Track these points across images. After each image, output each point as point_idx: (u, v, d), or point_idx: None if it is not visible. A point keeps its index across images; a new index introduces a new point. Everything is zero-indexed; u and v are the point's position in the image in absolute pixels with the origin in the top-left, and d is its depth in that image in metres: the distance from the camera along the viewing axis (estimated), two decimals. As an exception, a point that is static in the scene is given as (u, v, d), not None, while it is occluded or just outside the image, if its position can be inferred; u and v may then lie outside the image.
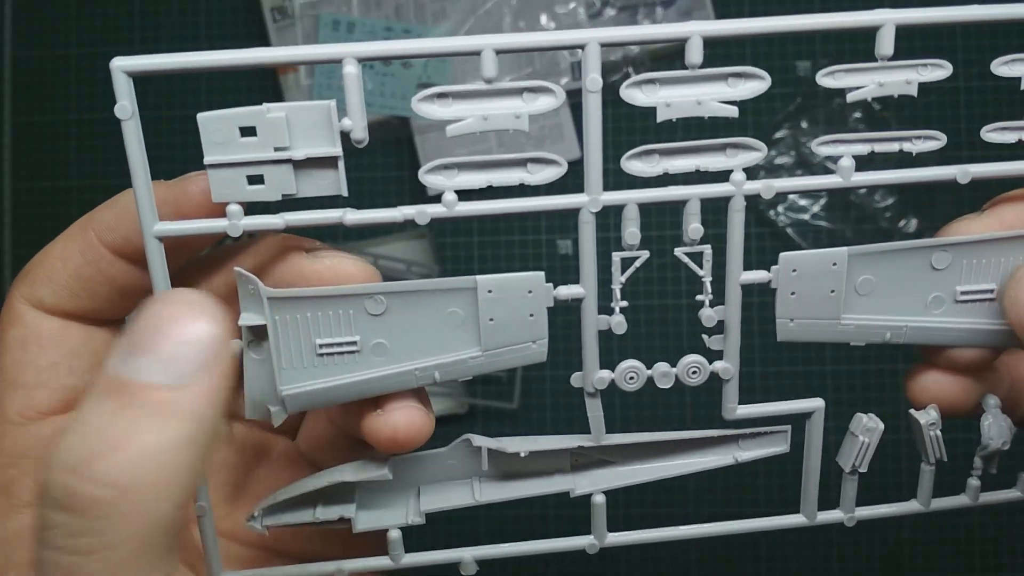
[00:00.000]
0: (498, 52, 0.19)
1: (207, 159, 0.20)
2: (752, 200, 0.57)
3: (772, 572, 0.60)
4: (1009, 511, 0.58)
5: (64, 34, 0.63)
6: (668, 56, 0.59)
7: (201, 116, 0.19)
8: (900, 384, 0.24)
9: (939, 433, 0.23)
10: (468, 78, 0.58)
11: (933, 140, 0.21)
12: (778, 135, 0.58)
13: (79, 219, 0.22)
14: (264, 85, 0.62)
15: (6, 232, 0.64)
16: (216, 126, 0.19)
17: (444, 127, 0.20)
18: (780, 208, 0.58)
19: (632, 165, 0.20)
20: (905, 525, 0.60)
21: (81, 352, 0.22)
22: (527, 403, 0.57)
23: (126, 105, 0.19)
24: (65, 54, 0.63)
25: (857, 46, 0.58)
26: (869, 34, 0.20)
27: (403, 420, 0.21)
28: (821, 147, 0.21)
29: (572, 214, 0.21)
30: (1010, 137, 0.21)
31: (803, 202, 0.58)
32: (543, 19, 0.59)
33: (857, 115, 0.58)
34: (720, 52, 0.58)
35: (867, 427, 0.23)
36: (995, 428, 0.23)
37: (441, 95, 0.20)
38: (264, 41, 0.60)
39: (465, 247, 0.57)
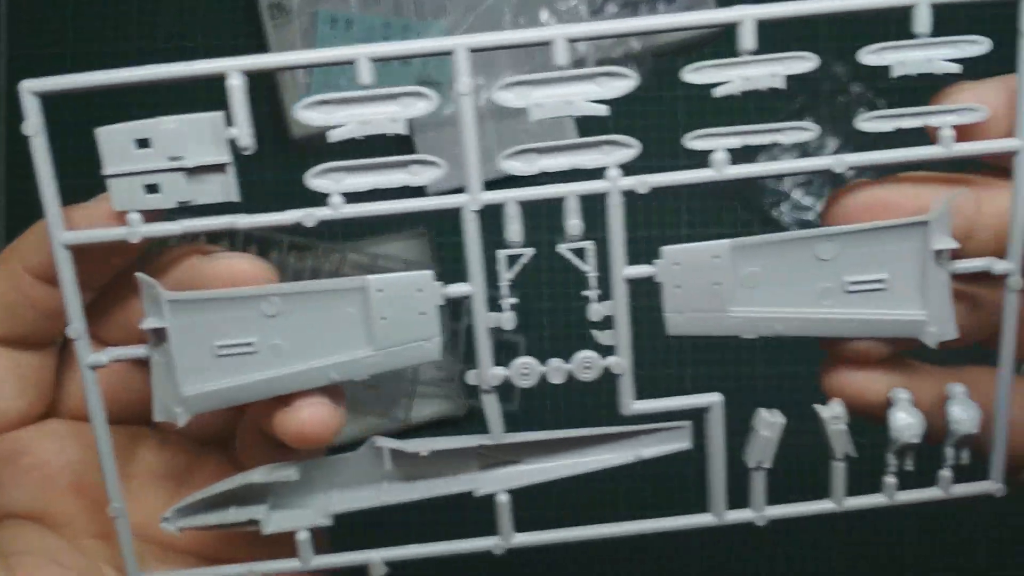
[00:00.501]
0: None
1: (106, 170, 0.21)
2: (755, 200, 0.57)
3: (773, 572, 0.59)
4: (1010, 511, 0.57)
5: (61, 33, 0.64)
6: (670, 53, 0.59)
7: (99, 130, 0.21)
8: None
9: (844, 427, 0.24)
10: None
11: (805, 131, 0.22)
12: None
13: (3, 250, 0.23)
14: (262, 83, 0.61)
15: (2, 232, 0.64)
16: (114, 139, 0.21)
17: (443, 125, 0.21)
18: (784, 207, 0.58)
19: (510, 164, 0.21)
20: (906, 525, 0.60)
21: (7, 377, 0.23)
22: (528, 405, 0.57)
23: (35, 123, 0.21)
24: (62, 53, 0.64)
25: (860, 43, 0.58)
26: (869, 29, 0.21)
27: (309, 415, 0.22)
28: (693, 141, 0.21)
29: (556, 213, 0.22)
30: (887, 126, 0.22)
31: (807, 201, 0.58)
32: (543, 15, 0.59)
33: (861, 112, 0.58)
34: (724, 49, 0.58)
35: (768, 422, 0.23)
36: (903, 422, 0.23)
37: (324, 102, 0.21)
38: (261, 39, 0.60)
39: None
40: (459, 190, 0.21)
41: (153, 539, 0.25)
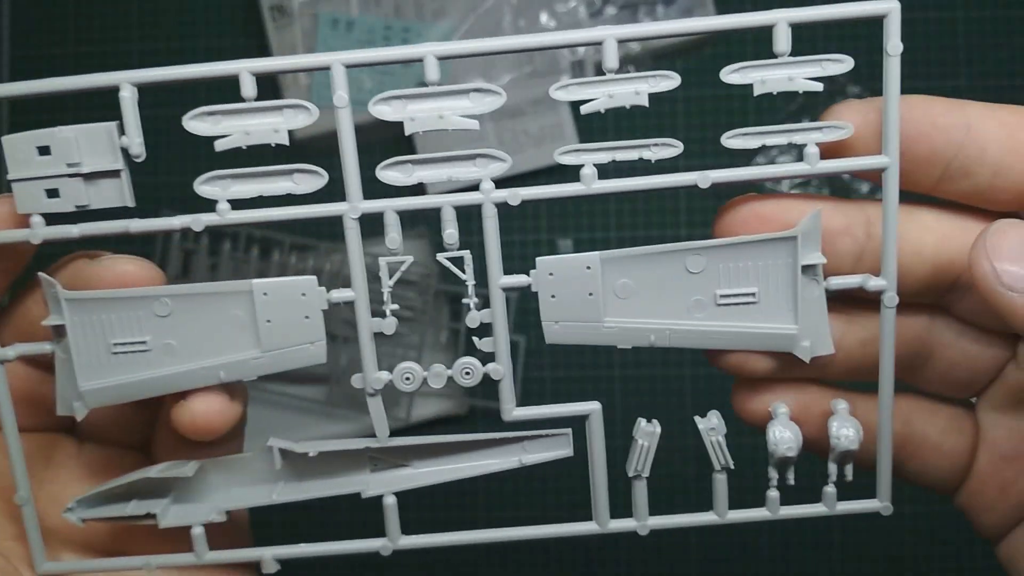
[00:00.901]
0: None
1: (10, 175, 0.22)
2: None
3: (773, 572, 0.60)
4: None
5: (62, 34, 0.64)
6: (669, 55, 0.60)
7: (4, 138, 0.22)
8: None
9: (721, 439, 0.24)
10: (468, 76, 0.58)
11: (671, 148, 0.22)
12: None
13: None
14: (264, 85, 0.63)
15: None
16: (17, 146, 0.22)
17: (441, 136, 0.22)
18: None
19: (387, 175, 0.22)
20: (906, 525, 0.60)
21: None
22: (527, 404, 0.57)
23: None
24: (63, 53, 0.64)
25: (858, 43, 0.59)
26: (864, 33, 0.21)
27: (201, 407, 0.23)
28: (562, 156, 0.22)
29: (570, 212, 0.23)
30: (754, 143, 0.22)
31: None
32: (543, 17, 0.60)
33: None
34: (722, 51, 0.60)
35: (646, 431, 0.24)
36: (779, 436, 0.24)
37: (211, 113, 0.22)
38: (263, 40, 0.61)
39: (464, 247, 0.57)
40: (474, 188, 0.22)
41: (71, 539, 0.26)
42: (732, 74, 0.22)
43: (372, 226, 0.23)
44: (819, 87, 0.22)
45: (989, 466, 0.25)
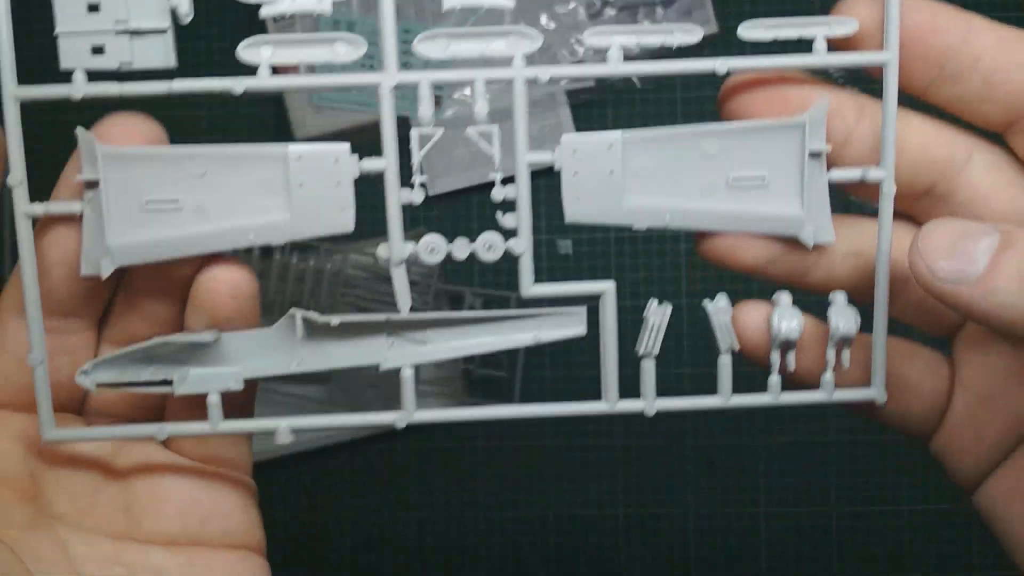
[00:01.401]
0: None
1: (59, 29, 0.23)
2: None
3: (773, 572, 0.60)
4: None
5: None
6: (668, 56, 0.61)
7: (53, -8, 0.23)
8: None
9: (728, 321, 0.25)
10: None
11: (693, 35, 0.24)
12: None
13: None
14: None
15: (5, 233, 0.64)
16: (68, 1, 0.23)
17: (443, 125, 0.24)
18: None
19: (423, 47, 0.24)
20: (905, 524, 0.60)
21: None
22: (527, 402, 0.57)
23: None
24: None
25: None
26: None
27: (223, 273, 0.24)
28: (591, 38, 0.24)
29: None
30: (767, 35, 0.24)
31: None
32: (543, 19, 0.60)
33: None
34: (722, 52, 0.61)
35: (655, 311, 0.25)
36: (783, 320, 0.25)
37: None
38: None
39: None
40: (462, 191, 0.23)
41: None
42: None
43: (374, 227, 0.24)
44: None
45: (964, 407, 0.26)
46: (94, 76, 0.23)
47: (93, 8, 0.23)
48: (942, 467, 0.27)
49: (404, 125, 0.22)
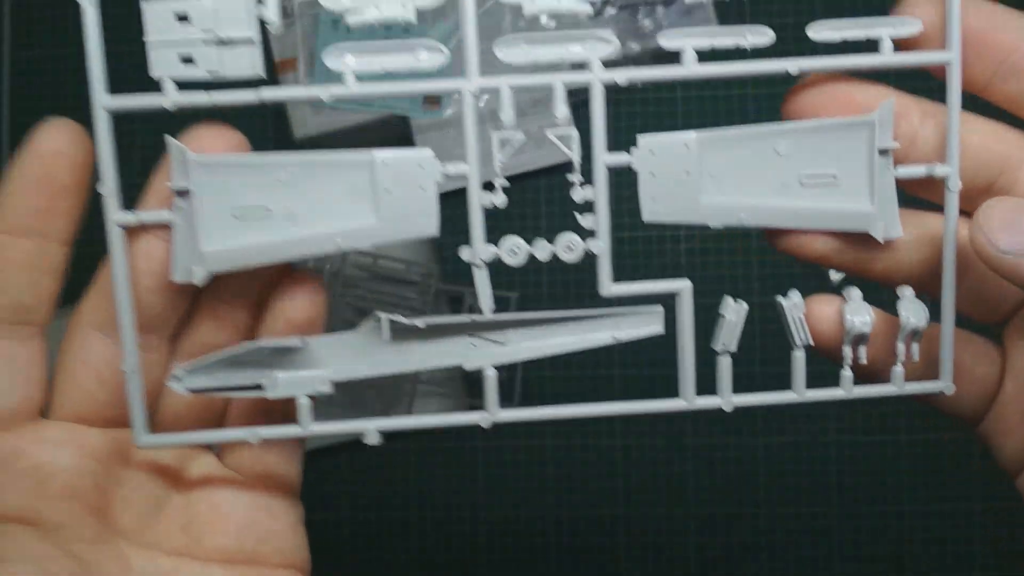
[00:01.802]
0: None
1: (148, 38, 0.24)
2: None
3: (773, 572, 0.60)
4: (1010, 511, 0.58)
5: (64, 34, 0.65)
6: (668, 56, 0.62)
7: (145, 3, 0.24)
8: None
9: (802, 316, 0.26)
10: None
11: (764, 36, 0.25)
12: None
13: None
14: (265, 84, 0.64)
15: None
16: (157, 11, 0.24)
17: (444, 127, 0.24)
18: None
19: (504, 53, 0.24)
20: (905, 524, 0.60)
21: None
22: (528, 403, 0.57)
23: None
24: (65, 54, 0.65)
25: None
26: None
27: (302, 280, 0.25)
28: (666, 40, 0.24)
29: (569, 220, 0.24)
30: (836, 36, 0.25)
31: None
32: (543, 18, 0.62)
33: None
34: (721, 53, 0.62)
35: (732, 308, 0.26)
36: (856, 315, 0.25)
37: (344, -7, 0.24)
38: (264, 40, 0.62)
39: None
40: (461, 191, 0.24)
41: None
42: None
43: None
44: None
45: (1013, 392, 0.27)
46: (182, 85, 0.24)
47: (182, 18, 0.24)
48: (988, 450, 0.28)
49: (404, 124, 0.23)
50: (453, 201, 0.29)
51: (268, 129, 0.63)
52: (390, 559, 0.63)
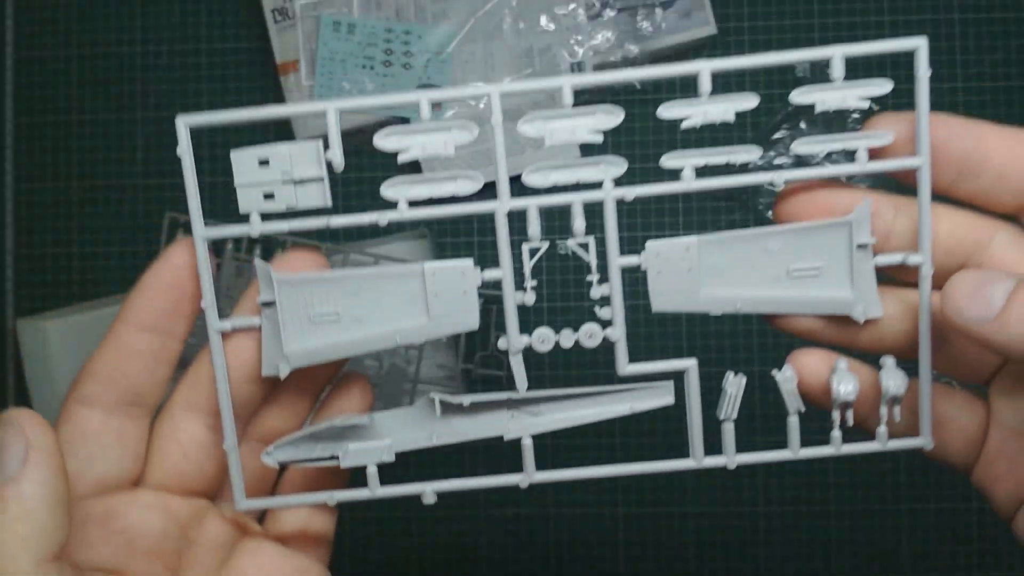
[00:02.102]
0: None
1: (237, 181, 0.29)
2: (752, 200, 0.63)
3: (772, 572, 0.63)
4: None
5: (65, 34, 0.67)
6: (669, 57, 0.62)
7: (233, 152, 0.29)
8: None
9: (794, 387, 0.30)
10: (468, 78, 0.61)
11: (752, 153, 0.29)
12: (777, 136, 0.62)
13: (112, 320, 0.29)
14: (266, 85, 0.66)
15: (8, 232, 0.68)
16: (243, 159, 0.29)
17: (444, 125, 0.28)
18: None
19: (529, 178, 0.29)
20: (904, 524, 0.63)
21: (112, 443, 0.29)
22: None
23: (184, 146, 0.29)
24: (66, 55, 0.67)
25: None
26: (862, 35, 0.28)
27: (358, 376, 0.30)
28: (667, 160, 0.29)
29: (565, 216, 0.29)
30: (817, 149, 0.29)
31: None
32: (543, 20, 0.60)
33: (856, 115, 0.62)
34: (720, 54, 0.64)
35: (732, 382, 0.30)
36: (841, 384, 0.29)
37: (396, 133, 0.29)
38: (265, 42, 0.63)
39: (465, 247, 0.63)
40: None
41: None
42: (798, 95, 0.28)
43: (375, 228, 0.28)
44: (867, 105, 0.28)
45: (999, 441, 0.30)
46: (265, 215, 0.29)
47: (263, 163, 0.29)
48: (984, 498, 0.31)
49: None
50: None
51: (271, 131, 0.66)
52: (390, 559, 0.66)
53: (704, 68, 0.28)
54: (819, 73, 0.65)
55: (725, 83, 0.64)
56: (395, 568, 0.67)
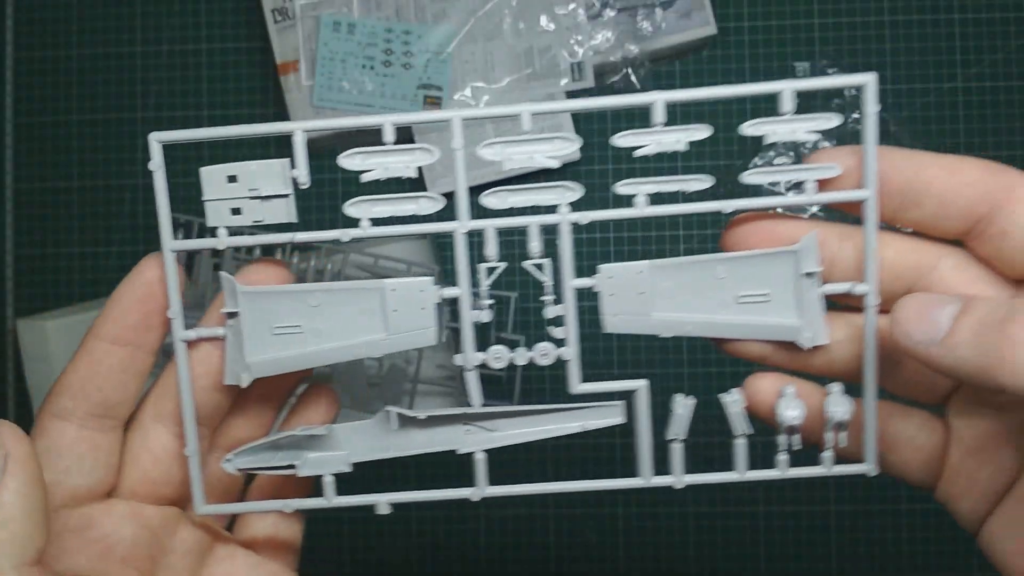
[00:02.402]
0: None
1: (205, 196, 0.30)
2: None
3: (773, 572, 0.63)
4: None
5: (65, 34, 0.67)
6: (668, 57, 0.63)
7: (202, 169, 0.30)
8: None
9: (742, 410, 0.31)
10: (468, 78, 0.61)
11: (702, 183, 0.30)
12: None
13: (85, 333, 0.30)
14: (266, 85, 0.66)
15: (7, 232, 0.68)
16: (212, 175, 0.30)
17: (442, 128, 0.29)
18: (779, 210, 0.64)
19: (487, 200, 0.30)
20: (904, 524, 0.63)
21: (87, 455, 0.30)
22: (526, 402, 0.60)
23: (157, 162, 0.30)
24: (67, 55, 0.67)
25: (855, 46, 0.66)
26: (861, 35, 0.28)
27: (325, 387, 0.31)
28: (621, 188, 0.30)
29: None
30: (766, 179, 0.30)
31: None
32: (543, 20, 0.61)
33: (856, 115, 0.62)
34: (719, 54, 0.66)
35: (681, 403, 0.31)
36: (787, 409, 0.30)
37: (359, 153, 0.30)
38: (265, 42, 0.63)
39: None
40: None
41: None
42: (749, 128, 0.29)
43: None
44: (817, 138, 0.29)
45: (958, 459, 0.30)
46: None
47: (232, 179, 0.30)
48: (950, 513, 0.31)
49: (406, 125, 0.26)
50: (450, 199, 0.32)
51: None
52: (389, 559, 0.66)
53: (658, 99, 0.29)
54: (819, 72, 0.66)
55: (725, 82, 0.65)
56: (395, 568, 0.67)
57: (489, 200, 0.30)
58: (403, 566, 0.67)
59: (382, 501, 0.31)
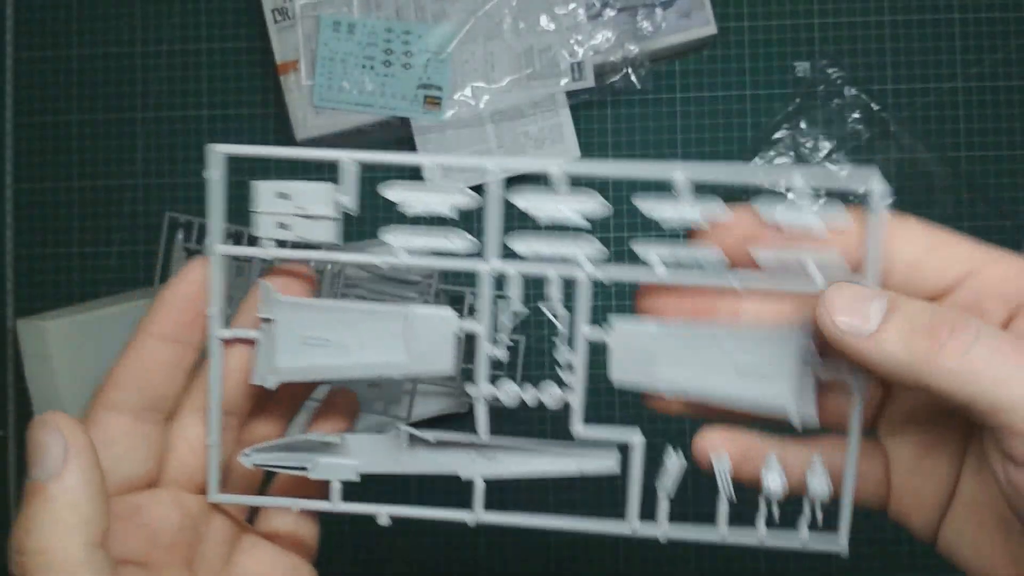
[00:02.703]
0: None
1: (258, 209, 0.32)
2: None
3: (773, 572, 0.63)
4: None
5: (65, 34, 0.68)
6: (667, 57, 0.63)
7: (254, 183, 0.32)
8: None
9: (728, 474, 0.32)
10: (469, 79, 0.62)
11: (711, 255, 0.31)
12: (777, 135, 0.63)
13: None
14: (266, 85, 0.67)
15: (7, 232, 0.69)
16: (263, 190, 0.32)
17: (444, 128, 0.31)
18: None
19: (514, 243, 0.32)
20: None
21: (138, 446, 0.31)
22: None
23: (217, 173, 0.32)
24: (67, 55, 0.68)
25: (855, 46, 0.66)
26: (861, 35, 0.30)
27: (349, 394, 0.33)
28: (638, 247, 0.31)
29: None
30: (772, 259, 0.31)
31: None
32: (543, 20, 0.61)
33: (856, 115, 0.63)
34: (719, 54, 0.66)
35: (673, 459, 0.32)
36: (770, 480, 0.32)
37: (401, 186, 0.32)
38: (265, 42, 0.64)
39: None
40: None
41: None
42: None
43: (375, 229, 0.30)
44: (816, 221, 0.31)
45: (900, 478, 0.32)
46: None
47: (283, 196, 0.32)
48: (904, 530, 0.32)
49: (405, 125, 0.28)
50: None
51: (270, 131, 0.67)
52: (389, 559, 0.67)
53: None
54: (819, 72, 0.66)
55: (725, 82, 0.66)
56: (396, 568, 0.68)
57: (516, 244, 0.32)
58: (403, 565, 0.68)
59: (383, 512, 0.33)
